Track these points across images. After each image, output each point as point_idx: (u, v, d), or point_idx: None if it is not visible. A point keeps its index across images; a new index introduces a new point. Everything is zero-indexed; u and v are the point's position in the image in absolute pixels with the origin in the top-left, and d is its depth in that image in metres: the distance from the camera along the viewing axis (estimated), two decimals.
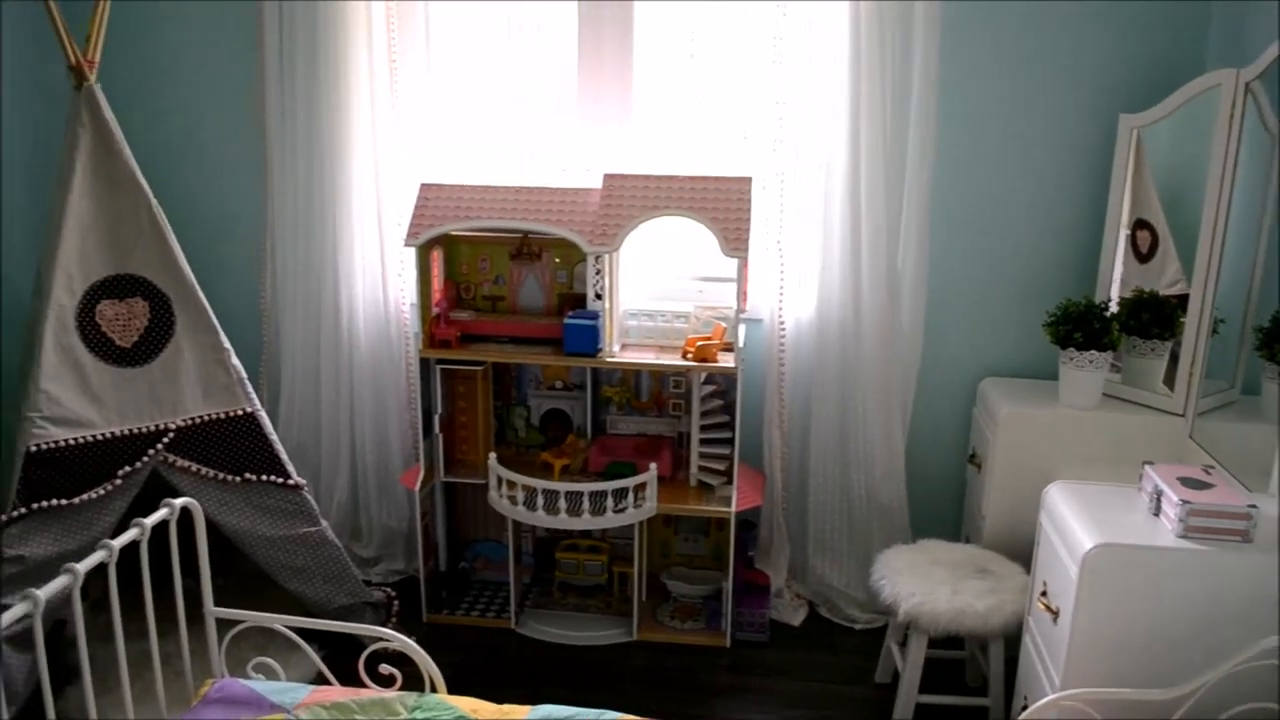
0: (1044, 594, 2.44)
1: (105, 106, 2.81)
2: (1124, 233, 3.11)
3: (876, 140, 3.11)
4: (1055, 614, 2.33)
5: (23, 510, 2.63)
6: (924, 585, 2.76)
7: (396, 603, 3.31)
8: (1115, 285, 3.13)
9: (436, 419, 3.29)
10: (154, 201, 2.84)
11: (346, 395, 3.54)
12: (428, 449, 3.31)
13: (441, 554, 3.52)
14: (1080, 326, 2.94)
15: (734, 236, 2.96)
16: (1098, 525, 2.26)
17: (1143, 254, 3.08)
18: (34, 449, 2.65)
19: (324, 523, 3.06)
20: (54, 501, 2.66)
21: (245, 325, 3.50)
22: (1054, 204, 3.25)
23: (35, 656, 2.66)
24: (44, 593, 1.79)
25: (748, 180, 3.08)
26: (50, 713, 1.89)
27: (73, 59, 2.80)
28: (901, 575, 2.83)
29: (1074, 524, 2.31)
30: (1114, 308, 3.05)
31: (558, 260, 3.33)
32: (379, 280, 3.47)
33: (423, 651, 2.28)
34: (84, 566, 1.89)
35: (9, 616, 1.73)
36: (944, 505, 3.50)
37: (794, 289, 3.32)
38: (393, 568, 3.67)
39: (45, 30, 3.41)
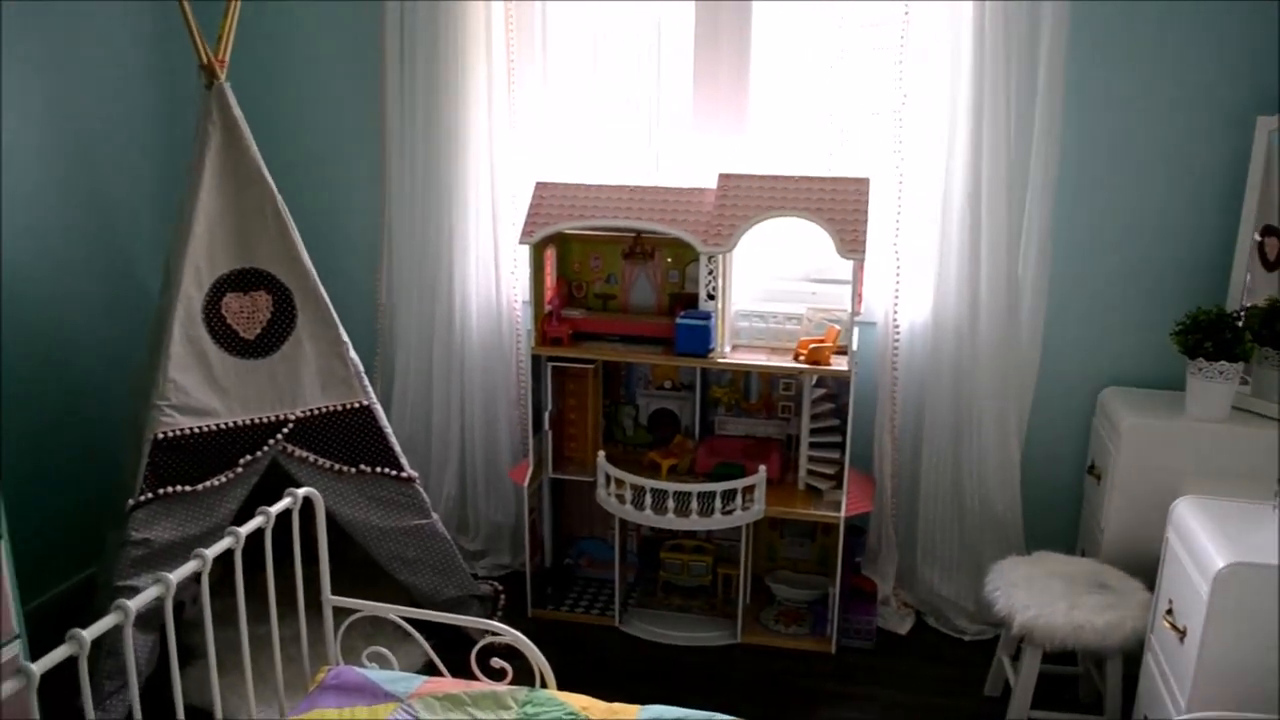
0: (1169, 612, 2.35)
1: (234, 104, 2.89)
2: (1252, 239, 2.98)
3: (999, 142, 3.03)
4: (1182, 633, 2.25)
5: (149, 495, 2.72)
6: (1040, 598, 2.69)
7: (503, 597, 3.35)
8: (1242, 294, 3.01)
9: (546, 416, 3.32)
10: (279, 197, 2.91)
11: (457, 390, 3.59)
12: (537, 445, 3.33)
13: (547, 550, 3.55)
14: (1211, 336, 2.83)
15: (850, 238, 2.92)
16: (1230, 543, 2.17)
17: (1270, 261, 2.94)
18: (161, 436, 2.74)
19: (435, 515, 3.11)
20: (179, 488, 2.75)
21: (361, 319, 3.57)
22: (1183, 209, 3.13)
23: (157, 637, 2.77)
24: (175, 576, 1.84)
25: (865, 181, 3.04)
26: (178, 691, 1.94)
27: (204, 58, 2.88)
28: (1016, 587, 2.76)
29: (1205, 541, 2.22)
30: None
31: (669, 260, 3.32)
32: (492, 277, 3.51)
33: (534, 646, 2.29)
34: (212, 552, 1.94)
35: (142, 598, 1.78)
36: (1059, 517, 3.40)
37: (909, 292, 3.26)
38: (498, 562, 3.71)
39: (175, 30, 3.55)
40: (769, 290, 3.42)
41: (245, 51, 3.09)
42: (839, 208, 2.98)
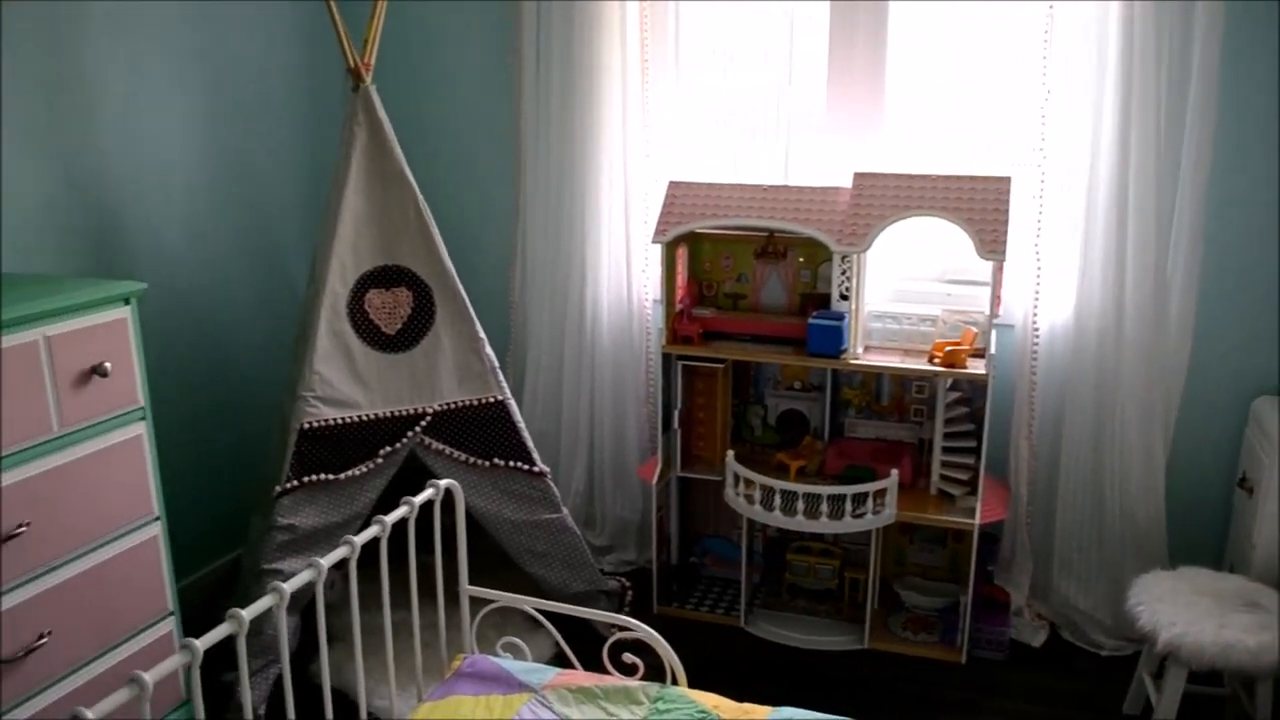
0: None
1: (379, 106, 2.98)
2: None
3: (1148, 139, 2.93)
4: None
5: (295, 483, 2.82)
6: (1187, 615, 2.58)
7: (630, 593, 3.37)
8: None
9: (676, 414, 3.33)
10: (420, 197, 2.99)
11: (587, 387, 3.63)
12: (666, 443, 3.35)
13: (673, 548, 3.56)
14: None
15: (990, 238, 2.85)
16: None
17: None
18: (306, 426, 2.84)
19: (564, 510, 3.15)
20: (322, 476, 2.85)
21: (495, 316, 3.64)
22: None
23: (298, 619, 2.87)
24: (325, 561, 1.90)
25: (1006, 180, 2.97)
26: (325, 674, 2.01)
27: (351, 62, 2.97)
28: (1161, 603, 2.66)
29: None
30: None
31: (802, 259, 3.30)
32: (623, 276, 3.54)
33: (665, 643, 2.30)
34: (361, 539, 2.00)
35: (295, 581, 1.85)
36: (1205, 530, 3.26)
37: (1050, 293, 3.17)
38: (624, 558, 3.74)
39: (321, 34, 3.67)
40: (903, 291, 3.37)
41: (386, 53, 3.18)
42: (978, 207, 2.92)
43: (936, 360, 3.03)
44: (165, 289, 3.21)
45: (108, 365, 2.37)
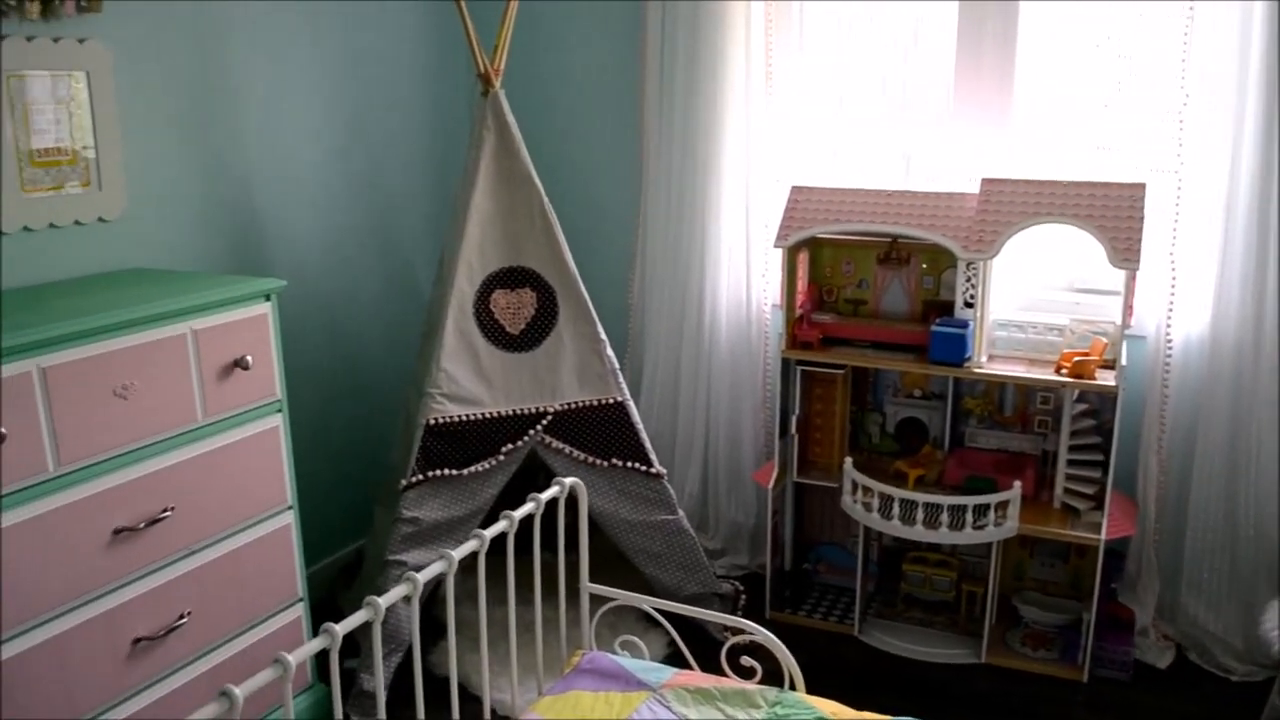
0: None
1: (507, 110, 3.04)
2: None
3: None
4: None
5: (420, 477, 2.90)
6: None
7: (743, 597, 3.37)
8: None
9: (793, 419, 3.32)
10: (545, 199, 3.04)
11: (704, 390, 3.64)
12: (783, 448, 3.34)
13: (787, 553, 3.55)
14: None
15: (1124, 246, 2.78)
16: None
17: None
18: (432, 422, 2.91)
19: (680, 512, 3.17)
20: (446, 471, 2.92)
21: (613, 317, 3.67)
22: None
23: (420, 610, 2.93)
24: (457, 554, 1.95)
25: (1140, 186, 2.88)
26: (453, 665, 2.06)
27: (481, 67, 3.04)
28: None
29: None
30: None
31: (925, 265, 3.26)
32: (743, 280, 3.54)
33: (784, 648, 2.29)
34: (490, 533, 2.04)
35: (429, 573, 1.90)
36: None
37: (1185, 304, 3.07)
38: (736, 562, 3.73)
39: (448, 38, 3.76)
40: (1029, 299, 3.30)
41: (512, 56, 3.24)
42: (1111, 214, 2.84)
43: (1064, 371, 2.96)
44: (297, 286, 3.32)
45: (249, 359, 2.47)
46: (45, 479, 2.10)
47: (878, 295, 3.34)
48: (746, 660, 2.32)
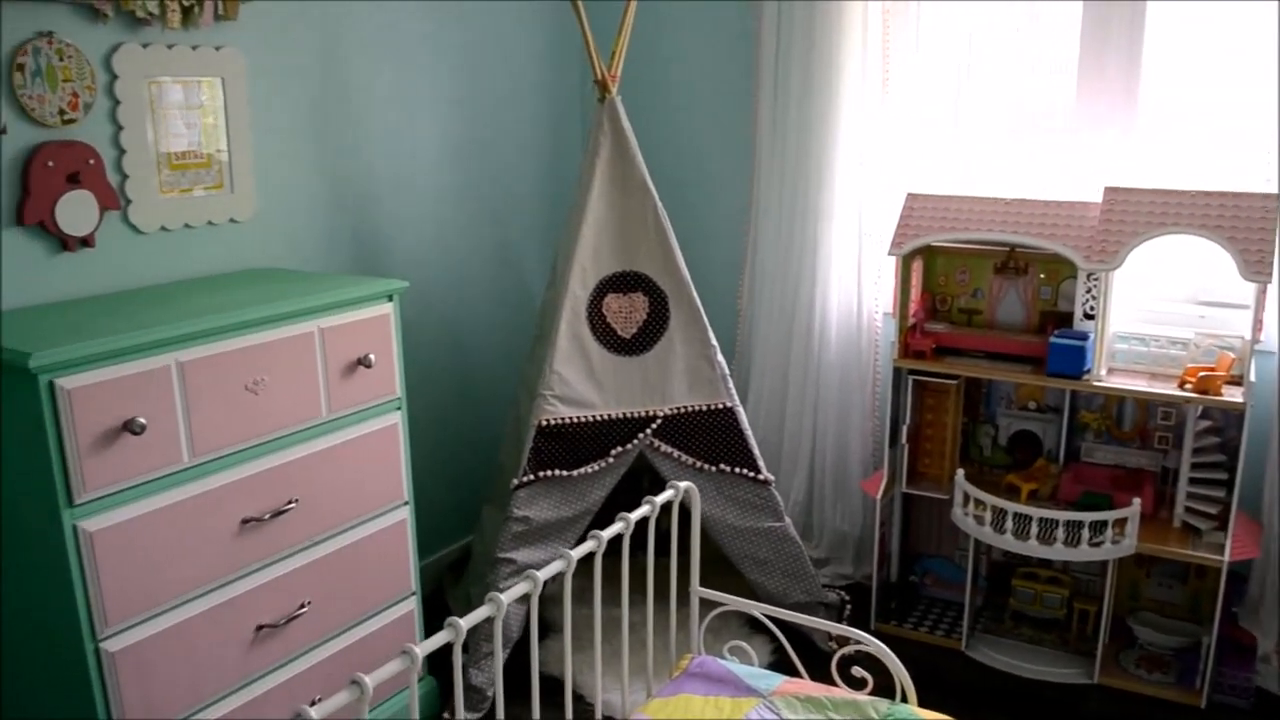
0: None
1: (623, 116, 3.07)
2: None
3: None
4: None
5: (531, 477, 2.94)
6: None
7: (849, 606, 3.34)
8: None
9: (904, 429, 3.28)
10: (659, 205, 3.06)
11: (812, 397, 3.62)
12: (892, 458, 3.30)
13: (893, 565, 3.51)
14: None
15: (1255, 259, 2.69)
16: None
17: None
18: (544, 423, 2.95)
19: (787, 519, 3.15)
20: (557, 472, 2.95)
21: (721, 322, 3.66)
22: None
23: (525, 607, 2.97)
24: (575, 554, 1.97)
25: (1273, 197, 2.79)
26: (568, 665, 2.08)
27: (599, 74, 3.07)
28: None
29: None
30: None
31: (1043, 275, 3.19)
32: (854, 287, 3.52)
33: (897, 660, 2.27)
34: (608, 534, 2.06)
35: (548, 571, 1.93)
36: None
37: None
38: (840, 571, 3.70)
39: (562, 45, 3.81)
40: (1151, 312, 3.21)
41: (627, 63, 3.27)
42: (1242, 225, 2.76)
43: (1188, 386, 2.87)
44: (412, 286, 3.37)
45: (372, 357, 2.53)
46: (180, 469, 2.18)
47: (993, 305, 3.29)
48: (858, 671, 2.30)
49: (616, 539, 2.18)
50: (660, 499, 2.23)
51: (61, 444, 1.97)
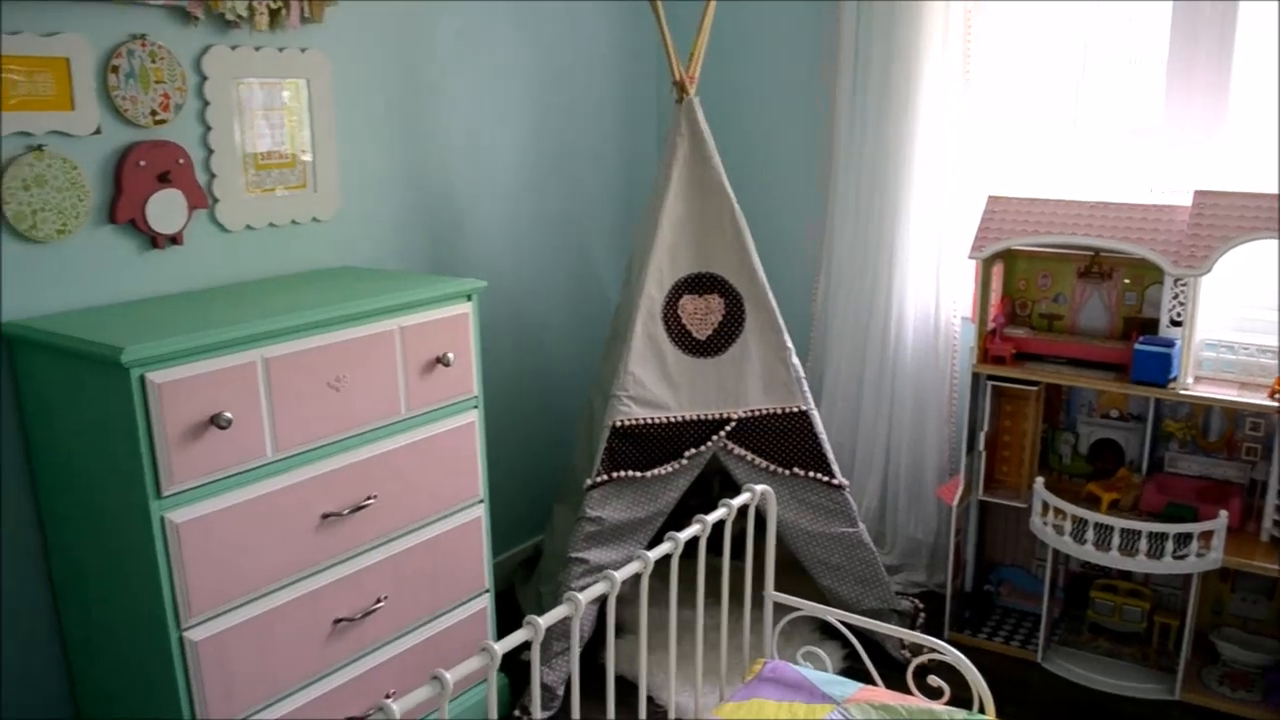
0: None
1: (701, 118, 3.06)
2: None
3: None
4: None
5: (605, 477, 2.94)
6: None
7: (922, 614, 3.30)
8: None
9: (982, 435, 3.23)
10: (736, 207, 3.05)
11: (887, 402, 3.58)
12: (969, 465, 3.25)
13: (968, 573, 3.45)
14: None
15: None
16: None
17: None
18: (619, 424, 2.95)
19: (860, 525, 3.12)
20: (630, 473, 2.95)
21: (794, 324, 3.64)
22: None
23: (597, 607, 2.98)
24: (653, 555, 1.97)
25: None
26: (644, 667, 2.08)
27: (677, 75, 3.07)
28: None
29: None
30: None
31: (1128, 281, 3.12)
32: (932, 291, 3.47)
33: (976, 671, 2.23)
34: (684, 536, 2.06)
35: (625, 572, 1.93)
36: None
37: None
38: (913, 579, 3.66)
39: (638, 46, 3.81)
40: (1240, 319, 3.12)
41: (704, 64, 3.27)
42: None
43: (1278, 396, 2.79)
44: (487, 287, 3.42)
45: (451, 356, 2.56)
46: (263, 463, 2.22)
47: (1075, 310, 3.22)
48: (934, 680, 2.27)
49: (691, 541, 2.17)
50: (737, 502, 2.22)
51: (151, 437, 2.02)
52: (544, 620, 1.74)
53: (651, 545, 2.63)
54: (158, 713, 2.21)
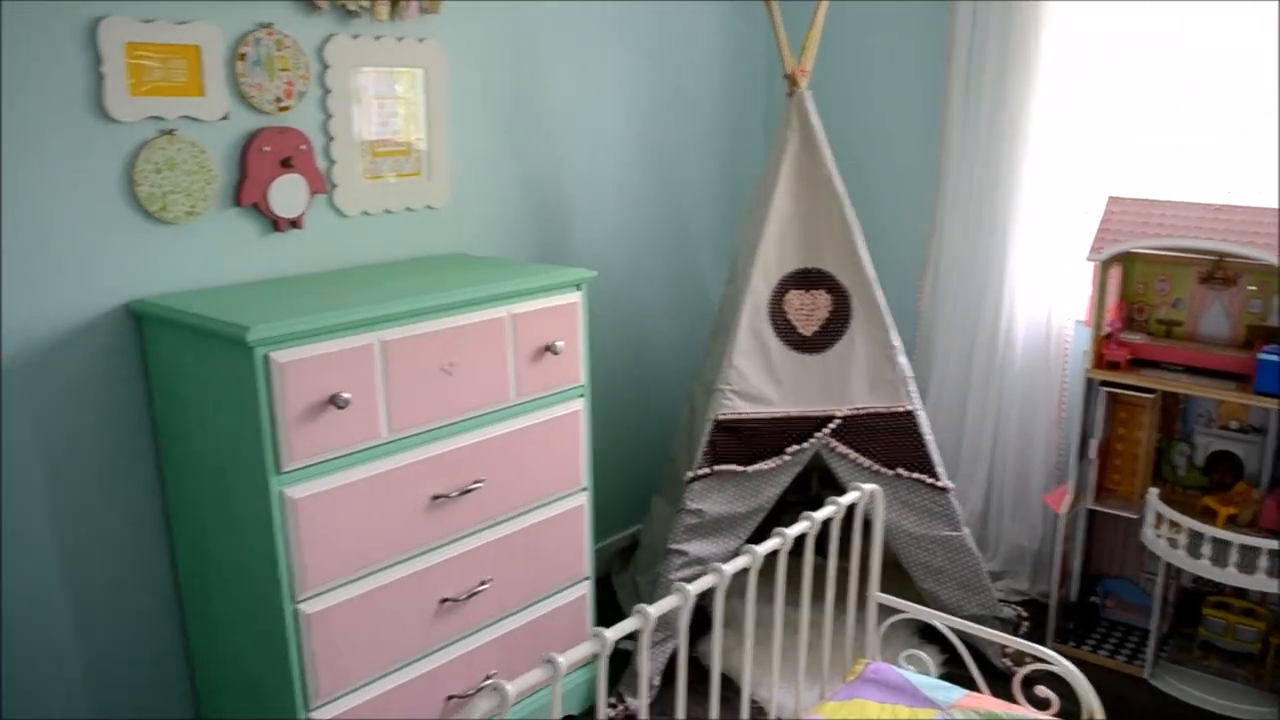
0: None
1: (813, 111, 3.03)
2: None
3: None
4: None
5: (707, 471, 2.94)
6: None
7: (1025, 623, 3.23)
8: None
9: (1093, 443, 3.15)
10: (847, 202, 3.01)
11: (994, 405, 3.51)
12: (1079, 473, 3.17)
13: (1074, 583, 3.37)
14: None
15: None
16: None
17: None
18: (721, 417, 2.95)
19: (964, 529, 3.07)
20: (732, 467, 2.94)
21: (900, 322, 3.58)
22: None
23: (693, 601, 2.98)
24: (761, 549, 1.96)
25: None
26: (748, 664, 2.08)
27: (789, 67, 3.05)
28: None
29: None
30: None
31: (1253, 287, 3.01)
32: (1045, 292, 3.39)
33: (1089, 685, 2.18)
34: (793, 532, 2.05)
35: (733, 566, 1.92)
36: None
37: None
38: (1014, 586, 3.58)
39: (745, 41, 3.80)
40: None
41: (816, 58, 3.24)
42: None
43: None
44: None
45: (560, 344, 2.58)
46: (378, 444, 2.27)
47: (1195, 316, 3.12)
48: (1042, 691, 2.22)
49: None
50: (846, 500, 2.20)
51: (273, 414, 2.07)
52: (654, 610, 1.74)
53: (750, 541, 2.62)
54: (270, 683, 2.27)
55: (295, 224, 2.63)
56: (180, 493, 2.41)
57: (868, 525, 2.37)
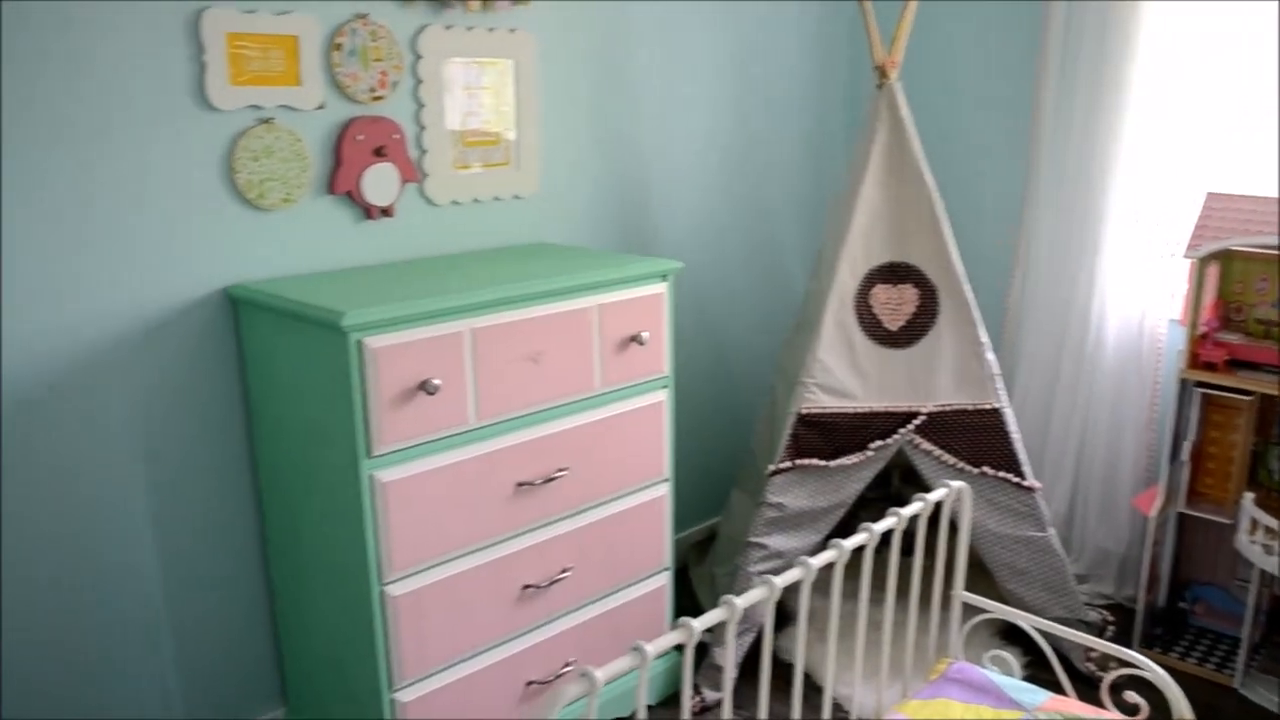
0: None
1: (903, 103, 3.00)
2: None
3: None
4: None
5: (789, 464, 2.93)
6: None
7: (1111, 628, 3.17)
8: None
9: (1186, 445, 3.07)
10: (936, 196, 2.98)
11: (1082, 404, 3.44)
12: (1170, 475, 3.10)
13: (1162, 588, 3.29)
14: None
15: None
16: None
17: None
18: (804, 411, 2.93)
19: (1051, 530, 3.02)
20: (814, 461, 2.93)
21: (987, 317, 3.53)
22: None
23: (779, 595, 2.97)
24: (848, 544, 1.95)
25: None
26: (832, 653, 2.07)
27: (878, 60, 3.01)
28: None
29: None
30: None
31: None
32: (1137, 290, 3.31)
33: (1180, 691, 2.13)
34: (880, 528, 2.03)
35: (820, 560, 1.91)
36: None
37: None
38: (1100, 590, 3.51)
39: (831, 32, 3.76)
40: None
41: (908, 48, 3.19)
42: None
43: None
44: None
45: (645, 335, 2.59)
46: (466, 430, 2.30)
47: None
48: (1131, 696, 2.18)
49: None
50: (933, 497, 2.17)
51: (365, 399, 2.11)
52: (741, 601, 1.74)
53: (831, 536, 2.60)
54: (355, 663, 2.32)
55: (387, 212, 2.67)
56: (272, 475, 2.47)
57: (952, 523, 2.34)
